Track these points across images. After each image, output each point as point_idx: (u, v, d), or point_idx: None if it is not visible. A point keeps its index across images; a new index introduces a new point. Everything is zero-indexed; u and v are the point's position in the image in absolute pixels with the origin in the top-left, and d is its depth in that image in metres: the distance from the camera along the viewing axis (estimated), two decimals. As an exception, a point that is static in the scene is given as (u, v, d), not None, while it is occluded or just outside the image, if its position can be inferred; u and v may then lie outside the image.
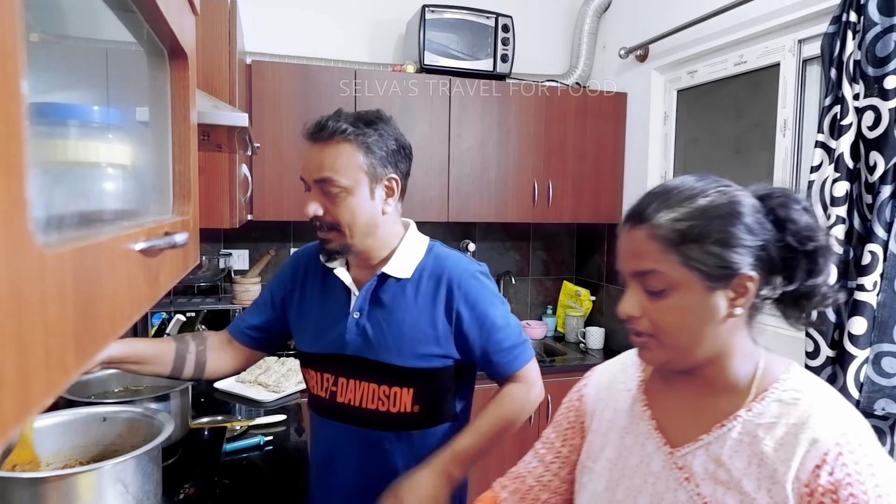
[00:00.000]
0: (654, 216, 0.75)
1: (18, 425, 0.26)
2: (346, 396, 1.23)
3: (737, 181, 0.80)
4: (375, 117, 1.17)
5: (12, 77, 0.25)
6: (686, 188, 0.76)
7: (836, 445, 0.70)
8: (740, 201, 0.74)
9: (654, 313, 0.76)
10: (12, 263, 0.25)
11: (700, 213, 0.74)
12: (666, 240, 0.73)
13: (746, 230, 0.73)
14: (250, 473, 1.56)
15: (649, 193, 0.78)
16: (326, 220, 1.15)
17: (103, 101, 0.70)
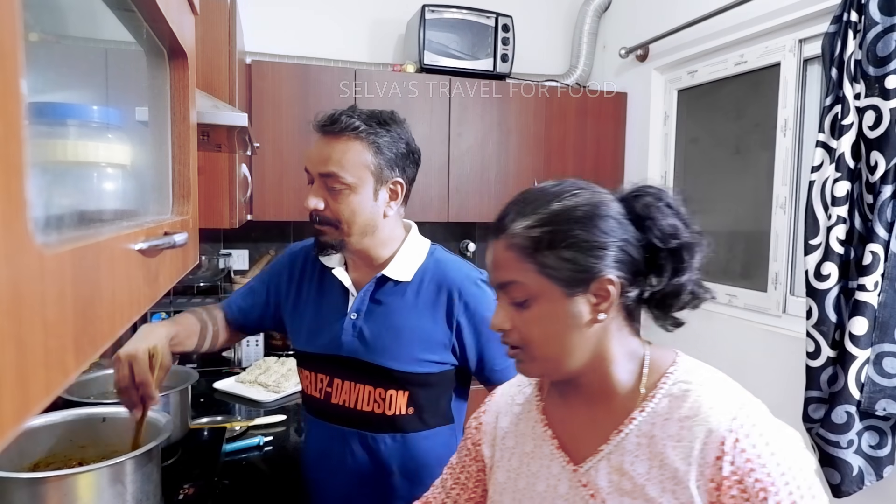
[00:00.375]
0: (510, 225, 0.73)
1: (18, 426, 0.26)
2: (341, 398, 1.21)
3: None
4: (389, 118, 1.16)
5: (11, 76, 0.25)
6: (541, 194, 0.75)
7: (731, 432, 0.68)
8: (595, 203, 0.73)
9: (521, 325, 0.74)
10: (11, 264, 0.25)
11: (553, 219, 0.72)
12: (521, 248, 0.72)
13: (601, 232, 0.71)
14: (250, 474, 1.55)
15: (509, 202, 0.77)
16: (325, 216, 1.14)
17: (103, 100, 0.70)
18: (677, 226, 0.74)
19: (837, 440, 1.66)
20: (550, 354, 0.75)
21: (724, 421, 0.69)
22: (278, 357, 2.43)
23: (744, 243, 2.44)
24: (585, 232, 0.71)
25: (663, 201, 0.75)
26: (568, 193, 0.74)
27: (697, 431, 0.69)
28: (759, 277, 2.27)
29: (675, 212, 0.75)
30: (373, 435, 1.20)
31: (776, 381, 2.07)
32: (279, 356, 2.44)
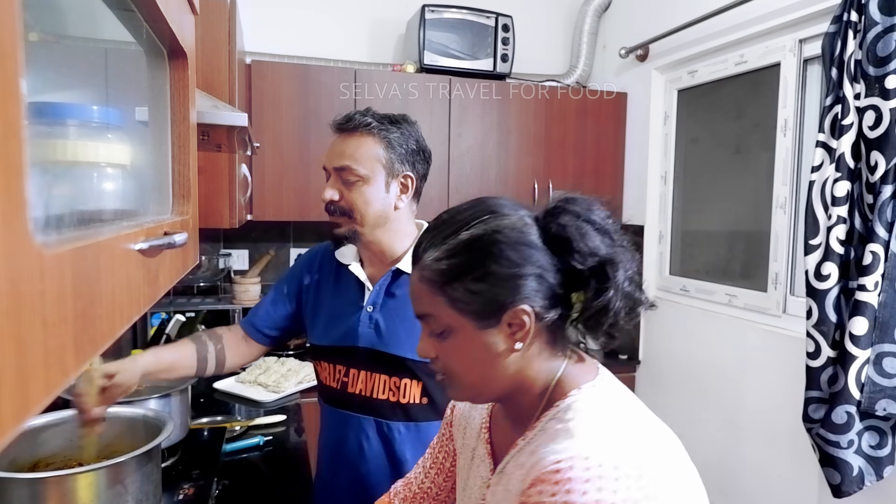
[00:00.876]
0: (423, 256, 0.72)
1: (18, 426, 0.26)
2: (357, 387, 1.26)
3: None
4: (401, 118, 1.24)
5: (11, 76, 0.25)
6: (452, 221, 0.72)
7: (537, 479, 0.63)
8: (506, 231, 0.69)
9: (442, 355, 0.73)
10: (11, 263, 0.25)
11: (461, 249, 0.69)
12: (431, 281, 0.70)
13: (513, 263, 0.68)
14: (250, 474, 1.55)
15: (425, 230, 0.75)
16: (341, 206, 1.20)
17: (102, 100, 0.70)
18: (596, 244, 0.69)
19: (837, 440, 1.66)
20: (472, 383, 0.73)
21: (545, 464, 0.64)
22: (278, 357, 2.43)
23: (744, 243, 2.44)
24: (495, 263, 0.68)
25: (581, 217, 0.71)
26: (478, 220, 0.70)
27: (528, 466, 0.68)
28: (759, 277, 2.27)
29: (597, 226, 0.71)
30: (388, 423, 1.24)
31: (776, 381, 2.07)
32: (279, 356, 2.44)
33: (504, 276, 0.68)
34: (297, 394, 2.18)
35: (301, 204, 2.49)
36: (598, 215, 0.72)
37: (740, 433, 2.24)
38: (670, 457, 0.70)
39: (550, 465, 0.63)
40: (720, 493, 2.29)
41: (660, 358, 2.72)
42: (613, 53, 2.89)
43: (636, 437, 0.68)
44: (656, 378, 2.73)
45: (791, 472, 2.02)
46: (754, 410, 2.18)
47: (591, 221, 0.71)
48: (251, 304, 2.49)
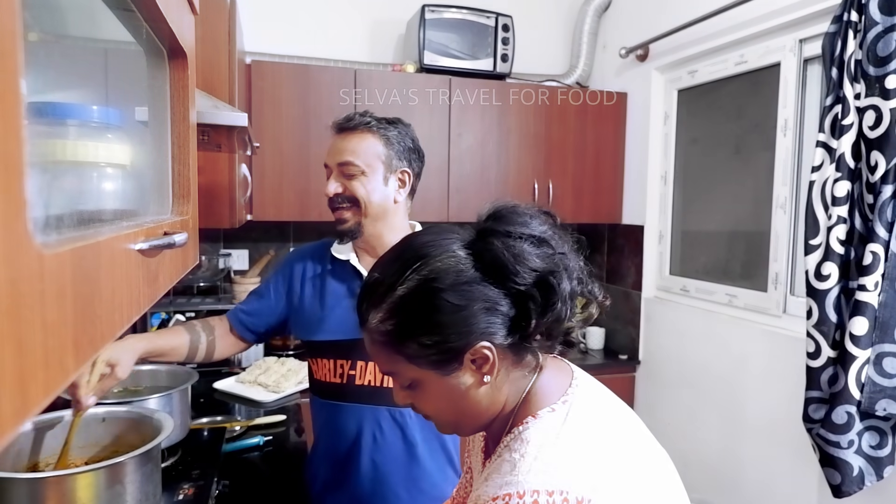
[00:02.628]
0: (367, 319, 0.70)
1: (18, 426, 0.26)
2: (366, 378, 1.29)
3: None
4: (397, 120, 1.32)
5: (11, 76, 0.25)
6: (385, 277, 0.69)
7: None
8: (438, 276, 0.66)
9: (417, 403, 0.73)
10: (11, 263, 0.25)
11: (400, 308, 0.67)
12: (383, 343, 0.69)
13: (456, 307, 0.66)
14: (250, 474, 1.55)
15: (363, 285, 0.72)
16: (346, 195, 1.27)
17: (102, 100, 0.70)
18: (533, 262, 0.66)
19: (838, 440, 1.66)
20: (452, 422, 0.74)
21: (488, 493, 0.64)
22: (278, 357, 2.42)
23: (744, 243, 2.44)
24: (439, 313, 0.66)
25: (513, 235, 0.67)
26: (410, 270, 0.68)
27: (477, 494, 0.68)
28: (759, 277, 2.27)
29: (532, 239, 0.68)
30: (399, 410, 1.28)
31: (776, 382, 2.07)
32: (279, 356, 2.44)
33: (452, 322, 0.66)
34: (297, 394, 2.18)
35: (301, 204, 2.49)
36: (533, 226, 0.69)
37: (740, 433, 2.24)
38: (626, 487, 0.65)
39: (487, 500, 0.64)
40: (720, 492, 2.29)
41: (660, 358, 2.71)
42: (613, 53, 2.89)
43: (581, 471, 0.64)
44: (656, 378, 2.73)
45: (791, 472, 2.02)
46: (754, 410, 2.18)
47: (524, 237, 0.67)
48: (251, 304, 2.49)
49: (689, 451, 2.42)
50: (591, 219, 2.94)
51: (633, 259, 2.88)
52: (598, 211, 2.92)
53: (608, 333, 3.01)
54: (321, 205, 2.75)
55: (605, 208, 2.93)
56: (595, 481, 0.63)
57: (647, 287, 2.83)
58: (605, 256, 3.10)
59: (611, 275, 3.05)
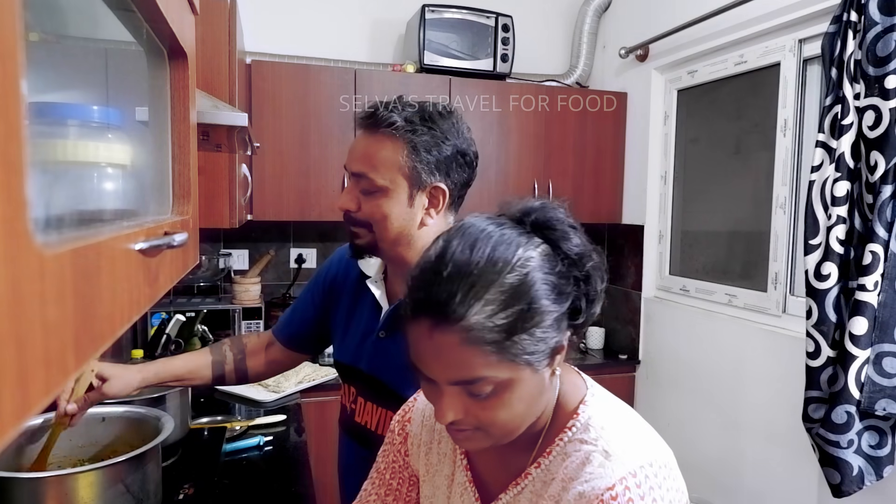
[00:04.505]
0: (466, 314, 0.58)
1: (18, 426, 0.26)
2: (363, 418, 1.15)
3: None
4: (437, 114, 1.02)
5: (12, 77, 0.25)
6: (485, 262, 0.60)
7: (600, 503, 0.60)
8: (539, 264, 0.62)
9: (482, 413, 0.62)
10: (11, 263, 0.25)
11: (514, 296, 0.59)
12: (488, 342, 0.58)
13: (556, 297, 0.62)
14: (250, 474, 1.55)
15: (443, 277, 0.60)
16: (358, 218, 1.04)
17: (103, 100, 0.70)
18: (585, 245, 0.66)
19: (837, 440, 1.66)
20: (513, 429, 0.65)
21: (598, 488, 0.62)
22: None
23: (744, 243, 2.44)
24: (546, 300, 0.61)
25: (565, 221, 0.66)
26: (511, 256, 0.61)
27: (571, 494, 0.64)
28: (759, 277, 2.27)
29: (577, 229, 0.67)
30: None
31: (776, 381, 2.07)
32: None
33: (557, 311, 0.62)
34: (297, 394, 2.18)
35: (301, 204, 2.49)
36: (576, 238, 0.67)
37: (740, 433, 2.24)
38: None
39: (603, 492, 0.61)
40: (720, 492, 2.29)
41: (660, 358, 2.72)
42: (613, 53, 2.89)
43: (650, 434, 0.69)
44: (656, 378, 2.73)
45: (791, 472, 2.02)
46: (754, 410, 2.18)
47: (575, 227, 0.67)
48: (251, 304, 2.49)
49: (689, 450, 2.42)
50: (591, 219, 2.94)
51: (633, 259, 2.88)
52: (598, 211, 2.92)
53: (608, 333, 3.01)
54: (321, 205, 2.75)
55: (604, 208, 2.93)
56: (663, 445, 0.68)
57: (647, 287, 2.83)
58: (604, 256, 3.09)
59: (611, 274, 3.05)
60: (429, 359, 0.61)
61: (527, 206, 0.67)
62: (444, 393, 0.62)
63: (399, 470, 0.86)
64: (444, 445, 0.80)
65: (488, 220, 0.65)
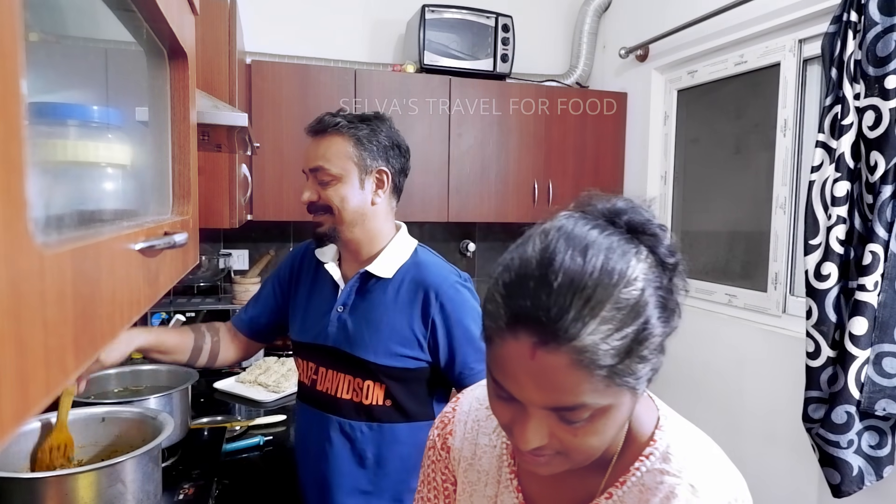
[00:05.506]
0: (580, 334, 0.51)
1: (18, 426, 0.26)
2: (325, 385, 1.30)
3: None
4: (372, 116, 1.26)
5: (12, 77, 0.25)
6: (598, 271, 0.53)
7: None
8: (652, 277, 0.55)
9: (571, 439, 0.56)
10: (11, 263, 0.25)
11: (630, 314, 0.53)
12: (600, 367, 0.52)
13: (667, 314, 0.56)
14: (250, 474, 1.55)
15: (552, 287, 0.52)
16: (320, 205, 1.24)
17: (103, 100, 0.70)
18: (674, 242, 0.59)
19: (837, 440, 1.66)
20: (595, 454, 0.59)
21: None
22: (278, 357, 2.42)
23: (744, 243, 2.44)
24: (659, 320, 0.55)
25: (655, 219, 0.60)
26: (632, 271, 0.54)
27: None
28: (759, 277, 2.27)
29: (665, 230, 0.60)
30: (350, 422, 1.26)
31: (776, 382, 2.07)
32: (279, 356, 2.44)
33: (664, 329, 0.56)
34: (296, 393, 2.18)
35: (301, 204, 2.48)
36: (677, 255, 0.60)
37: (740, 433, 2.24)
38: None
39: None
40: (720, 493, 2.29)
41: (660, 358, 2.71)
42: (613, 53, 2.89)
43: (729, 464, 0.65)
44: (656, 378, 2.73)
45: (791, 472, 2.02)
46: (754, 410, 2.18)
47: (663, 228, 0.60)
48: (251, 304, 2.49)
49: (689, 451, 2.41)
50: (590, 219, 2.93)
51: (633, 259, 2.88)
52: (597, 211, 2.92)
53: (608, 333, 3.01)
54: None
55: (604, 208, 2.93)
56: (741, 476, 0.65)
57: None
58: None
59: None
60: (525, 379, 0.54)
61: (615, 205, 0.60)
62: (531, 416, 0.56)
63: (446, 487, 0.81)
64: (485, 462, 0.75)
65: (587, 223, 0.57)
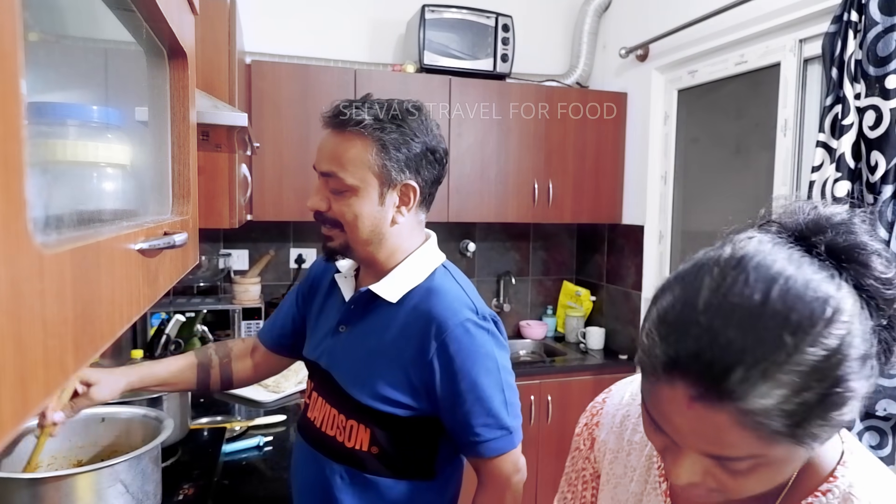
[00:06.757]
0: (746, 395, 0.45)
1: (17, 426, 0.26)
2: (314, 413, 1.13)
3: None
4: (405, 111, 1.02)
5: (11, 77, 0.25)
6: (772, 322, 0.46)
7: None
8: (853, 342, 0.47)
9: (728, 481, 0.51)
10: (11, 263, 0.25)
11: (815, 375, 0.46)
12: (770, 430, 0.46)
13: (862, 378, 0.48)
14: (250, 474, 1.55)
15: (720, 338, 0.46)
16: (329, 217, 1.04)
17: (102, 100, 0.70)
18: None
19: (837, 440, 1.66)
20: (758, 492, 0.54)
21: None
22: (278, 357, 2.42)
23: (744, 243, 2.44)
24: (858, 378, 0.47)
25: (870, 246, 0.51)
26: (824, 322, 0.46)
27: None
28: (760, 277, 2.27)
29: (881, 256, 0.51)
30: (330, 464, 1.06)
31: (776, 381, 2.07)
32: (279, 356, 2.44)
33: (854, 395, 0.48)
34: (296, 394, 2.18)
35: (301, 204, 2.49)
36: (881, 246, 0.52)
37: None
38: None
39: None
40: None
41: (660, 358, 2.71)
42: (613, 53, 2.89)
43: None
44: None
45: (791, 472, 2.01)
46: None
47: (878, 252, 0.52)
48: (251, 304, 2.49)
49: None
50: (591, 219, 2.94)
51: (633, 259, 2.88)
52: (598, 211, 2.92)
53: (608, 333, 3.01)
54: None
55: (605, 208, 2.93)
56: None
57: (647, 287, 2.82)
58: (605, 256, 3.10)
59: (611, 275, 3.05)
60: (680, 423, 0.50)
61: (817, 219, 0.52)
62: (685, 456, 0.52)
63: (590, 479, 0.79)
64: (633, 459, 0.71)
65: (779, 250, 0.50)
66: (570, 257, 3.35)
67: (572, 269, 3.36)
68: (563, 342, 3.09)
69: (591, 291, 3.12)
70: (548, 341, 3.11)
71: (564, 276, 3.33)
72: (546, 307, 3.28)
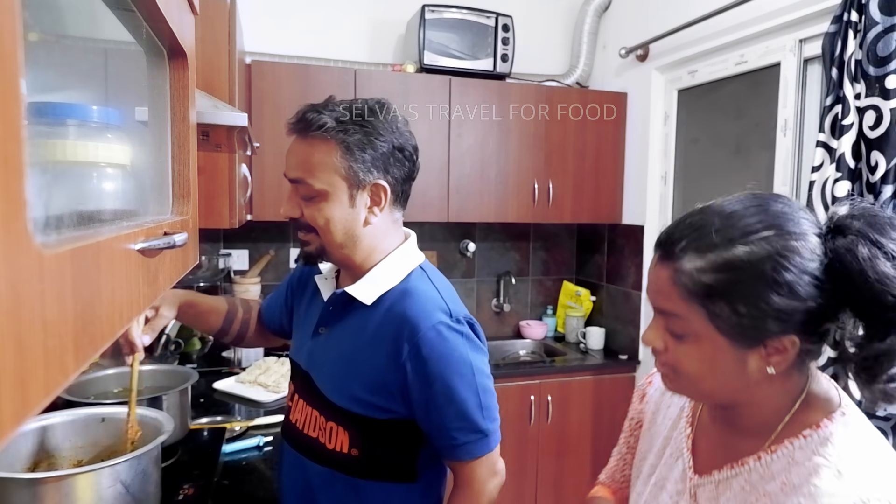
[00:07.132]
0: (681, 258, 0.65)
1: (18, 426, 0.26)
2: (296, 415, 1.13)
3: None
4: (369, 110, 1.01)
5: (11, 76, 0.25)
6: (724, 227, 0.64)
7: None
8: (787, 254, 0.61)
9: (674, 352, 0.68)
10: (11, 264, 0.25)
11: (731, 266, 0.62)
12: (688, 290, 0.64)
13: (790, 295, 0.60)
14: (250, 474, 1.55)
15: (686, 223, 0.68)
16: (303, 223, 1.03)
17: (102, 100, 0.70)
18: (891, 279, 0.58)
19: (837, 440, 1.66)
20: (701, 390, 0.70)
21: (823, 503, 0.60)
22: (278, 357, 2.43)
23: (744, 243, 2.44)
24: (773, 293, 0.60)
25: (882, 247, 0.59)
26: (756, 235, 0.62)
27: (791, 501, 0.62)
28: (760, 277, 2.27)
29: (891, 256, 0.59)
30: (313, 466, 1.07)
31: (776, 381, 2.07)
32: (279, 356, 2.44)
33: (780, 307, 0.61)
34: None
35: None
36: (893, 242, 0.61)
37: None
38: None
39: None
40: (720, 493, 2.28)
41: (660, 358, 2.71)
42: (613, 53, 2.89)
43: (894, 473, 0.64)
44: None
45: (791, 472, 2.02)
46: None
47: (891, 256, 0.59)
48: (251, 304, 2.49)
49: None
50: (591, 219, 2.94)
51: (633, 259, 2.88)
52: (598, 211, 2.92)
53: (608, 333, 3.01)
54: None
55: (605, 208, 2.93)
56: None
57: (647, 287, 2.82)
58: (605, 256, 3.10)
59: (611, 275, 3.05)
60: (650, 283, 0.71)
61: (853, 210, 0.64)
62: (652, 322, 0.72)
63: (635, 427, 0.95)
64: (672, 410, 0.86)
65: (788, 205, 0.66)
66: (570, 257, 3.35)
67: (572, 269, 3.36)
68: (563, 342, 3.09)
69: (591, 291, 3.12)
70: (548, 341, 3.11)
71: (564, 276, 3.33)
72: (546, 307, 3.28)
